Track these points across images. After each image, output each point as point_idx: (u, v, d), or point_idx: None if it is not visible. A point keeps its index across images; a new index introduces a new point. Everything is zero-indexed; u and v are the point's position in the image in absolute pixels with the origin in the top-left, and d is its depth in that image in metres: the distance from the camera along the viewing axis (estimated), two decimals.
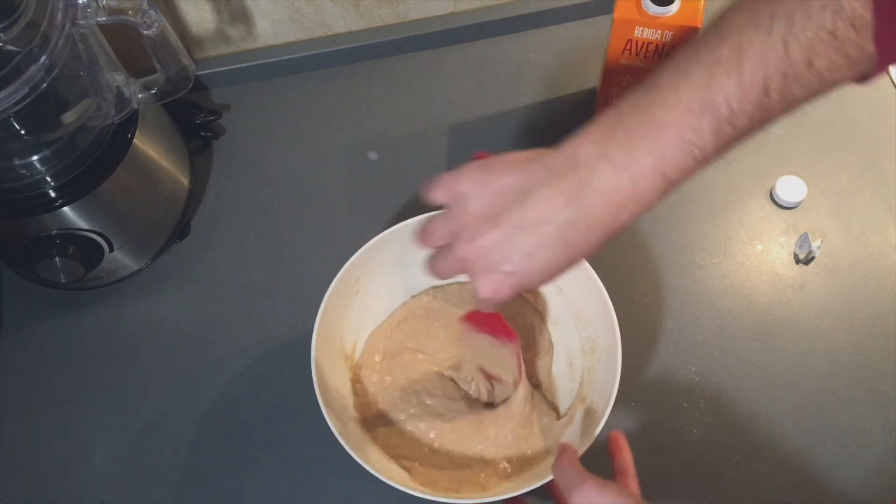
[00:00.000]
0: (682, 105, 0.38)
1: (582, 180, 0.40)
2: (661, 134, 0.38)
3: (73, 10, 0.55)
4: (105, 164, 0.64)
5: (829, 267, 0.72)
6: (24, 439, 0.67)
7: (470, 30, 0.85)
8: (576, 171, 0.40)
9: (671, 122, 0.38)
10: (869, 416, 0.65)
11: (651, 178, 0.39)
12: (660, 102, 0.38)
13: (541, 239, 0.41)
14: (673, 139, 0.38)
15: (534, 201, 0.40)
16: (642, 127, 0.38)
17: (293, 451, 0.65)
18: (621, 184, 0.39)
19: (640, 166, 0.39)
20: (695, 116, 0.38)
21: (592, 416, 0.57)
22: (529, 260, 0.41)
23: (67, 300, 0.72)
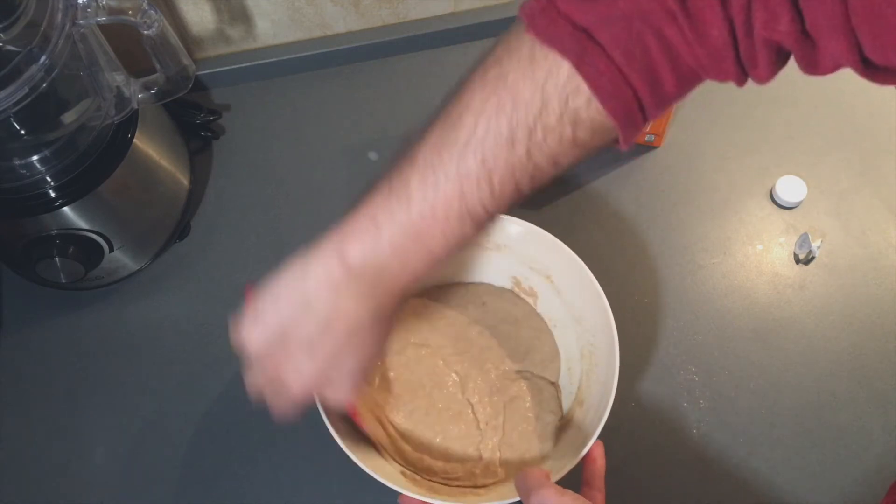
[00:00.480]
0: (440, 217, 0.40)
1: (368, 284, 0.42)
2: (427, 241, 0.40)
3: (73, 10, 0.55)
4: (105, 164, 0.64)
5: (829, 267, 0.72)
6: (24, 439, 0.67)
7: (470, 30, 0.85)
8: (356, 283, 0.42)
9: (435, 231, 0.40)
10: (869, 416, 0.65)
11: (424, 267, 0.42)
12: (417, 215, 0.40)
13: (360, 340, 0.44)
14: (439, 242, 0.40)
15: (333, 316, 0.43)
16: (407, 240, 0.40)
17: (293, 450, 0.65)
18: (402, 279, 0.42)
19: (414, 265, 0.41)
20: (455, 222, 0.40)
21: (590, 420, 0.57)
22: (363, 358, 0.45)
23: (67, 300, 0.72)
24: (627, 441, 0.64)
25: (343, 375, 0.45)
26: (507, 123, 0.38)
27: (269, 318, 0.44)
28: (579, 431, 0.58)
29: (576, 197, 0.76)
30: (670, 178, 0.77)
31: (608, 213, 0.75)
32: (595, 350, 0.60)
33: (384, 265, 0.41)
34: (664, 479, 0.63)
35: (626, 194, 0.76)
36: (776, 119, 0.80)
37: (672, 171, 0.77)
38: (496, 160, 0.38)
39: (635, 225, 0.74)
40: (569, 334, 0.64)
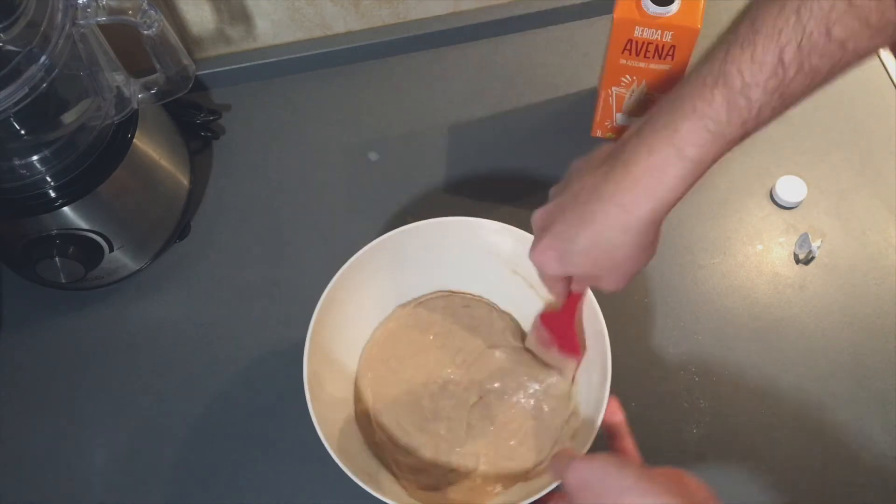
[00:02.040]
0: (699, 80, 0.38)
1: (616, 155, 0.42)
2: (677, 107, 0.39)
3: (73, 10, 0.55)
4: (105, 164, 0.64)
5: (829, 267, 0.72)
6: (24, 439, 0.67)
7: (470, 30, 0.85)
8: (617, 148, 0.42)
9: (686, 95, 0.39)
10: (869, 416, 0.65)
11: (664, 153, 0.39)
12: (684, 82, 0.39)
13: (580, 208, 0.43)
14: (685, 112, 0.39)
15: (586, 172, 0.44)
16: (667, 104, 0.40)
17: (293, 450, 0.65)
18: (639, 157, 0.40)
19: (656, 139, 0.39)
20: (707, 88, 0.38)
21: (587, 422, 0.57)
22: (569, 228, 0.44)
23: (67, 300, 0.72)
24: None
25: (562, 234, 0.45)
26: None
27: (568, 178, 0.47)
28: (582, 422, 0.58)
29: None
30: None
31: None
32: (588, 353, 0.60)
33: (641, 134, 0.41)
34: None
35: None
36: (776, 119, 0.79)
37: None
38: (764, 19, 0.36)
39: None
40: None
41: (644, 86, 0.70)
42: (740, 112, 0.38)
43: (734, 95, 0.37)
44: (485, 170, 0.78)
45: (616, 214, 0.42)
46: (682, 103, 0.39)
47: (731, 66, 0.37)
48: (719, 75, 0.37)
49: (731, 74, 0.37)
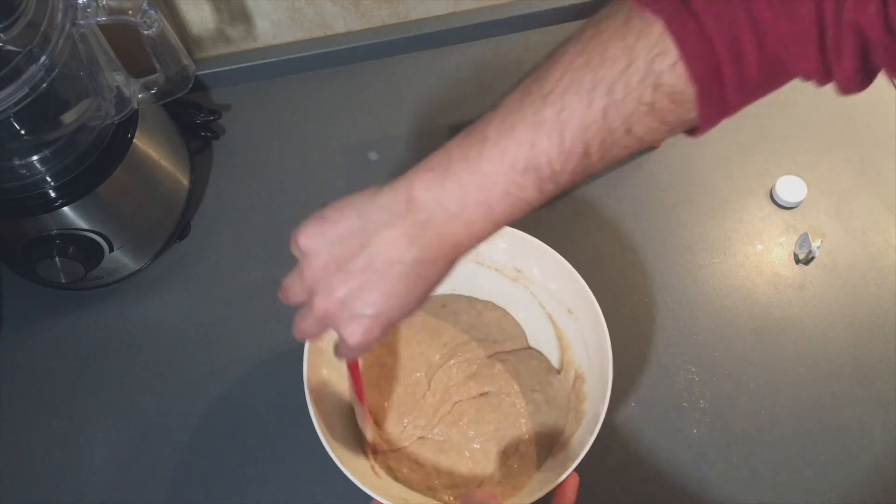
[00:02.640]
0: (507, 163, 0.40)
1: (420, 223, 0.41)
2: (489, 188, 0.40)
3: (73, 10, 0.55)
4: (105, 164, 0.64)
5: (829, 267, 0.72)
6: (23, 439, 0.67)
7: (470, 30, 0.85)
8: (414, 215, 0.41)
9: (498, 178, 0.40)
10: (869, 416, 0.65)
11: (481, 223, 0.41)
12: (487, 157, 0.40)
13: (395, 278, 0.42)
14: (499, 194, 0.40)
15: (379, 244, 0.42)
16: (471, 180, 0.40)
17: (293, 450, 0.65)
18: (455, 228, 0.41)
19: (472, 214, 0.41)
20: (519, 175, 0.40)
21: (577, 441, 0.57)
22: (390, 299, 0.43)
23: (67, 300, 0.72)
24: (628, 441, 0.64)
25: (364, 311, 0.43)
26: (590, 78, 0.38)
27: (327, 228, 0.43)
28: (566, 451, 0.58)
29: (576, 197, 0.76)
30: (670, 178, 0.77)
31: (608, 213, 0.75)
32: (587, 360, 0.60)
33: (442, 204, 0.41)
34: (664, 479, 0.63)
35: (626, 194, 0.76)
36: (776, 119, 0.80)
37: (672, 171, 0.77)
38: (572, 114, 0.38)
39: (635, 225, 0.74)
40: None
41: None
42: (548, 192, 0.41)
43: (544, 182, 0.40)
44: None
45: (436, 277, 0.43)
46: (493, 185, 0.40)
47: (540, 157, 0.39)
48: (529, 164, 0.39)
49: (542, 165, 0.39)
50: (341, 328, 0.44)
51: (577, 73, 0.39)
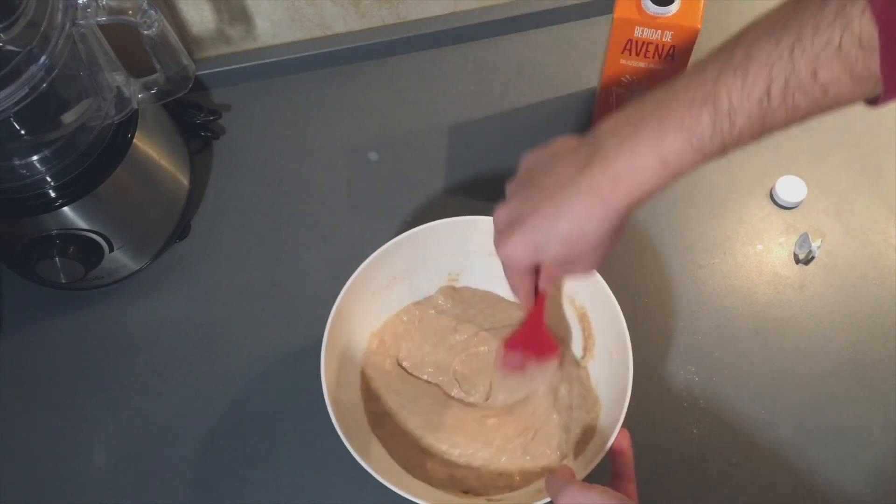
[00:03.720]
0: (689, 95, 0.40)
1: (592, 151, 0.43)
2: (665, 117, 0.40)
3: (73, 10, 0.55)
4: (105, 164, 0.64)
5: (829, 267, 0.72)
6: (24, 439, 0.67)
7: (470, 30, 0.85)
8: (590, 146, 0.43)
9: (675, 108, 0.40)
10: (869, 416, 0.65)
11: (647, 157, 0.41)
12: (673, 93, 0.41)
13: (556, 200, 0.43)
14: (673, 124, 0.40)
15: (554, 166, 0.44)
16: (653, 110, 0.41)
17: (294, 450, 0.65)
18: (621, 156, 0.41)
19: (640, 143, 0.41)
20: (696, 106, 0.40)
21: (604, 420, 0.57)
22: (545, 221, 0.44)
23: (67, 300, 0.72)
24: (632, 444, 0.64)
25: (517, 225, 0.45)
26: (783, 23, 0.38)
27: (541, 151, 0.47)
28: (596, 432, 0.58)
29: None
30: None
31: None
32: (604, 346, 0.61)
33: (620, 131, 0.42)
34: (664, 479, 0.63)
35: None
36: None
37: None
38: (760, 50, 0.38)
39: (635, 225, 0.74)
40: None
41: (644, 86, 0.70)
42: (723, 133, 0.40)
43: (720, 117, 0.39)
44: (485, 170, 0.78)
45: (595, 207, 0.43)
46: (669, 115, 0.40)
47: (721, 89, 0.39)
48: (709, 95, 0.39)
49: (721, 97, 0.39)
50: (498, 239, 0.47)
51: (770, 21, 0.39)
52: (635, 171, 0.41)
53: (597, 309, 0.62)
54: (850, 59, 0.37)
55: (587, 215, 0.43)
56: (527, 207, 0.45)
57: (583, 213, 0.43)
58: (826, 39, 0.37)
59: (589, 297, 0.62)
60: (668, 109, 0.40)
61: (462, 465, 0.60)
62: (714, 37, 0.42)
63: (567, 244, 0.45)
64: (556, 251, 0.45)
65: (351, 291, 0.60)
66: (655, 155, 0.41)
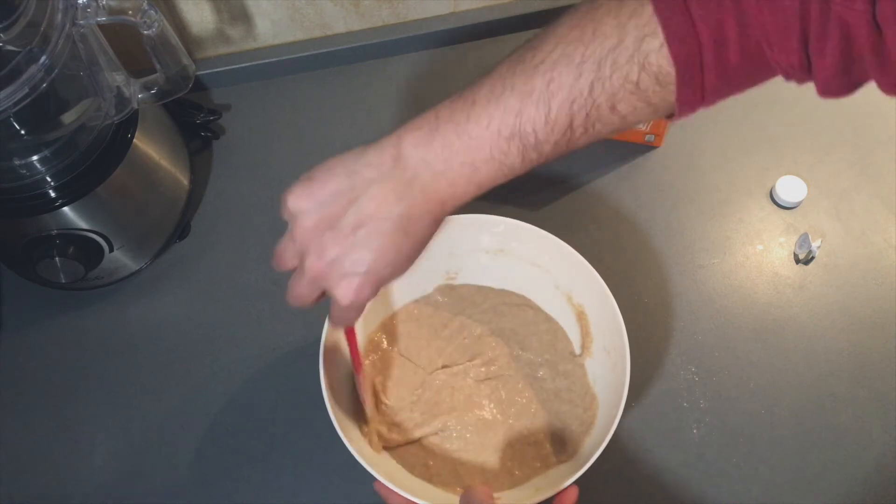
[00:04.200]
0: (494, 128, 0.41)
1: (406, 180, 0.42)
2: (475, 150, 0.41)
3: (73, 10, 0.55)
4: (105, 164, 0.64)
5: (829, 267, 0.72)
6: (24, 439, 0.67)
7: (470, 30, 0.85)
8: (401, 171, 0.42)
9: (484, 142, 0.41)
10: (869, 416, 0.65)
11: (465, 184, 0.43)
12: (475, 120, 0.41)
13: (383, 235, 0.43)
14: (485, 157, 0.42)
15: (367, 200, 0.42)
16: (458, 141, 0.42)
17: (294, 450, 0.65)
18: (440, 186, 0.43)
19: (456, 174, 0.42)
20: (504, 140, 0.41)
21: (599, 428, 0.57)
22: (380, 256, 0.43)
23: (67, 300, 0.72)
24: (627, 441, 0.64)
25: (355, 269, 0.43)
26: (581, 52, 0.39)
27: (315, 188, 0.44)
28: (594, 430, 0.59)
29: (576, 197, 0.76)
30: (670, 178, 0.77)
31: (608, 213, 0.75)
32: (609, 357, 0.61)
33: (429, 162, 0.42)
34: (664, 479, 0.63)
35: (626, 194, 0.76)
36: (776, 119, 0.80)
37: (672, 171, 0.77)
38: (560, 85, 0.39)
39: (635, 225, 0.74)
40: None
41: None
42: (531, 160, 0.42)
43: (528, 150, 0.41)
44: None
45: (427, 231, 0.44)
46: (479, 147, 0.41)
47: (526, 125, 0.40)
48: (515, 131, 0.41)
49: (527, 132, 0.41)
50: (333, 288, 0.44)
51: (568, 46, 0.40)
52: (455, 196, 0.43)
53: (594, 307, 0.62)
54: (647, 94, 0.39)
55: (420, 242, 0.44)
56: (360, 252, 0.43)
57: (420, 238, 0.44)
58: (624, 76, 0.39)
59: (587, 295, 0.62)
60: (477, 143, 0.41)
61: (464, 461, 0.60)
62: None
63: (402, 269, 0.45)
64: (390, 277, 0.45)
65: None
66: (472, 184, 0.43)
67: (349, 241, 0.43)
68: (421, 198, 0.42)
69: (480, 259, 0.66)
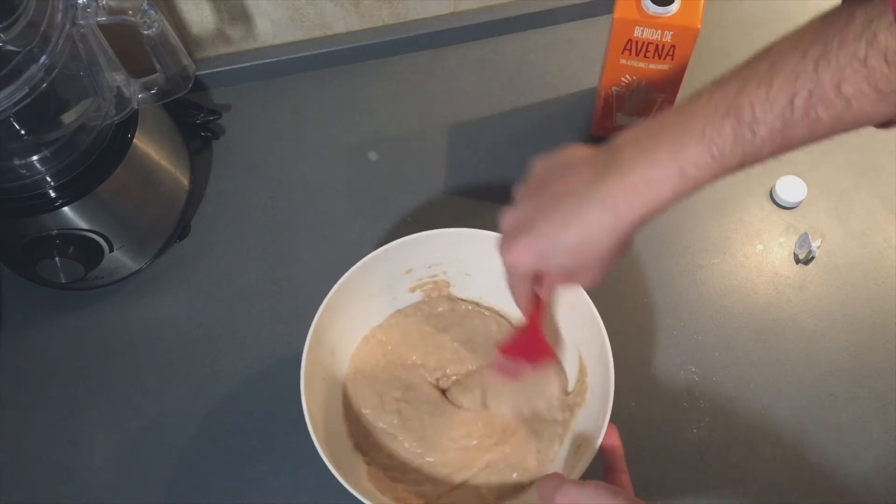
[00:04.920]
0: (711, 105, 0.40)
1: (608, 161, 0.42)
2: (686, 127, 0.40)
3: (73, 10, 0.55)
4: (105, 164, 0.64)
5: (829, 267, 0.72)
6: (24, 439, 0.67)
7: (470, 30, 0.85)
8: (610, 154, 0.43)
9: (697, 118, 0.40)
10: (869, 416, 0.65)
11: (666, 168, 0.41)
12: (695, 104, 0.41)
13: (567, 209, 0.43)
14: (694, 133, 0.40)
15: (568, 173, 0.44)
16: (674, 121, 0.41)
17: (293, 450, 0.65)
18: (638, 166, 0.41)
19: (659, 153, 0.41)
20: (719, 116, 0.39)
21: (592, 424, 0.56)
22: (554, 228, 0.43)
23: (67, 300, 0.72)
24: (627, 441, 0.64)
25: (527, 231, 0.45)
26: (809, 37, 0.38)
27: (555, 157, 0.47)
28: (584, 438, 0.58)
29: None
30: None
31: None
32: (586, 350, 0.60)
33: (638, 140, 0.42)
34: (664, 479, 0.63)
35: None
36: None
37: None
38: (785, 63, 0.38)
39: None
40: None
41: (644, 85, 0.70)
42: (744, 144, 0.40)
43: (742, 127, 0.39)
44: (484, 170, 0.78)
45: (607, 218, 0.43)
46: (691, 124, 0.40)
47: (744, 99, 0.39)
48: (732, 106, 0.39)
49: (743, 107, 0.39)
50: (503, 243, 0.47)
51: (796, 36, 0.39)
52: (652, 182, 0.41)
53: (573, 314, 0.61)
54: (874, 74, 0.37)
55: (598, 226, 0.43)
56: (536, 214, 0.45)
57: (594, 223, 0.43)
58: (851, 53, 0.37)
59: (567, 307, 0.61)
60: (690, 119, 0.40)
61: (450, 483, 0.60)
62: (714, 37, 0.42)
63: (574, 254, 0.44)
64: (561, 260, 0.45)
65: (329, 307, 0.59)
66: (674, 165, 0.40)
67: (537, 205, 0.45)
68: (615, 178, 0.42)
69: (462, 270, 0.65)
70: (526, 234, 0.45)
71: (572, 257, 0.44)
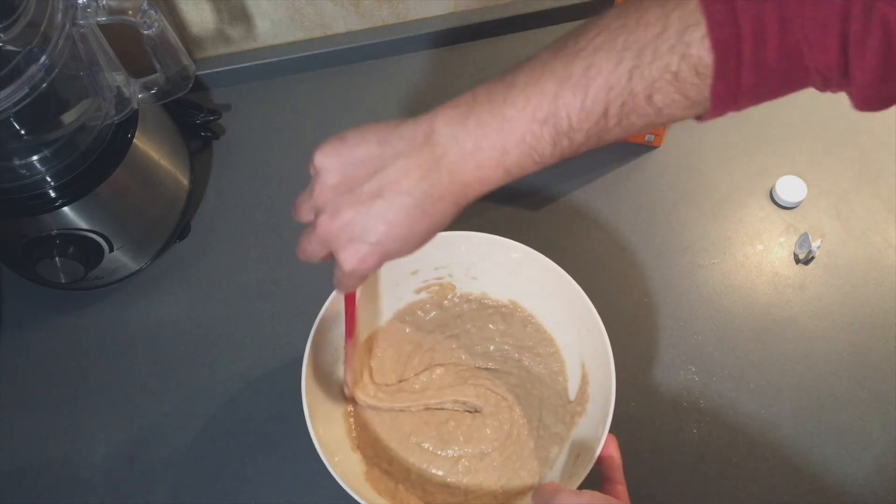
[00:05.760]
0: (529, 111, 0.40)
1: (435, 157, 0.42)
2: (507, 132, 0.41)
3: (73, 10, 0.55)
4: (105, 164, 0.64)
5: (829, 267, 0.72)
6: (24, 439, 0.67)
7: (470, 30, 0.85)
8: (430, 148, 0.42)
9: (517, 124, 0.41)
10: (869, 416, 0.65)
11: (493, 169, 0.42)
12: (511, 102, 0.41)
13: (401, 209, 0.42)
14: (516, 140, 0.41)
15: (391, 171, 0.42)
16: (492, 121, 0.41)
17: (293, 450, 0.65)
18: (467, 167, 0.42)
19: (485, 157, 0.42)
20: (538, 124, 0.41)
21: (592, 431, 0.56)
22: (391, 229, 0.43)
23: (67, 300, 0.72)
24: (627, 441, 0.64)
25: (364, 237, 0.43)
26: (623, 39, 0.39)
27: (344, 149, 0.44)
28: (583, 446, 0.58)
29: (576, 197, 0.76)
30: (670, 178, 0.77)
31: (608, 212, 0.75)
32: (589, 360, 0.60)
33: (459, 141, 0.42)
34: (664, 479, 0.63)
35: (626, 194, 0.76)
36: (776, 119, 0.80)
37: (672, 171, 0.77)
38: (599, 71, 0.39)
39: (635, 224, 0.74)
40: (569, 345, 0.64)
41: None
42: (562, 149, 0.41)
43: (560, 136, 0.41)
44: None
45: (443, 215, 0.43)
46: (511, 129, 0.41)
47: (561, 109, 0.40)
48: (549, 115, 0.40)
49: (561, 117, 0.40)
50: (339, 251, 0.44)
51: (611, 33, 0.39)
52: (482, 180, 0.42)
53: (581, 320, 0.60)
54: (685, 86, 0.39)
55: (439, 223, 0.43)
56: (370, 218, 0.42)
57: (437, 221, 0.43)
58: (664, 66, 0.38)
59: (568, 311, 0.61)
60: (510, 124, 0.41)
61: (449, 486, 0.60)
62: None
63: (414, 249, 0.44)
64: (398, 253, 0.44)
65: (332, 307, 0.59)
66: (501, 168, 0.42)
67: (364, 208, 0.42)
68: (447, 178, 0.42)
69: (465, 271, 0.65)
70: (361, 241, 0.43)
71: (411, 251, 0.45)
